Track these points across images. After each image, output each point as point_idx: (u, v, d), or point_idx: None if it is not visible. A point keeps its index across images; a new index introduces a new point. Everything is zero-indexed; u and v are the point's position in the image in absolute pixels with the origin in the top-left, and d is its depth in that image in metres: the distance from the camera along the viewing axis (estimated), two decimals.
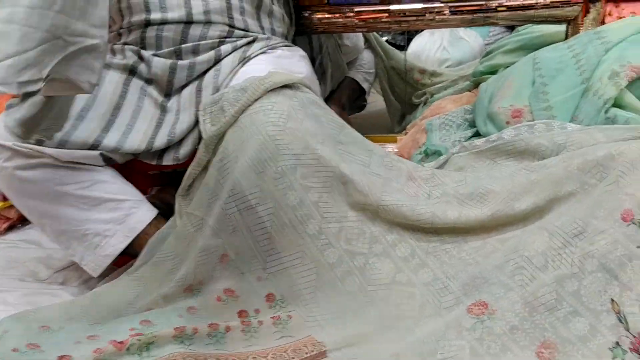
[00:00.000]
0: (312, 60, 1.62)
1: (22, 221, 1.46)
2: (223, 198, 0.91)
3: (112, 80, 1.10)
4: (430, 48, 2.42)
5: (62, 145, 1.00)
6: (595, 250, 0.77)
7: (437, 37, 2.42)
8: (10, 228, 1.44)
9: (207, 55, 1.11)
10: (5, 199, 1.40)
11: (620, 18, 1.29)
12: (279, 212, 0.91)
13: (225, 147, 0.94)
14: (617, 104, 1.04)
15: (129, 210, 1.06)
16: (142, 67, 1.11)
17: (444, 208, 0.92)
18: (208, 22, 1.11)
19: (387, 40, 2.42)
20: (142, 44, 1.12)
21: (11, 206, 1.42)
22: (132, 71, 1.11)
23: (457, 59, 2.33)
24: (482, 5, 1.32)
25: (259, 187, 0.90)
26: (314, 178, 0.93)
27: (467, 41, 2.43)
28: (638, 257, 0.73)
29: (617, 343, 0.70)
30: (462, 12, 1.34)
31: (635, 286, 0.72)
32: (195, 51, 1.11)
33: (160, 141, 1.07)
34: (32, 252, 1.31)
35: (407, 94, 1.91)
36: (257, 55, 1.14)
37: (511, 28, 2.19)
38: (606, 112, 1.03)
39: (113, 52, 1.14)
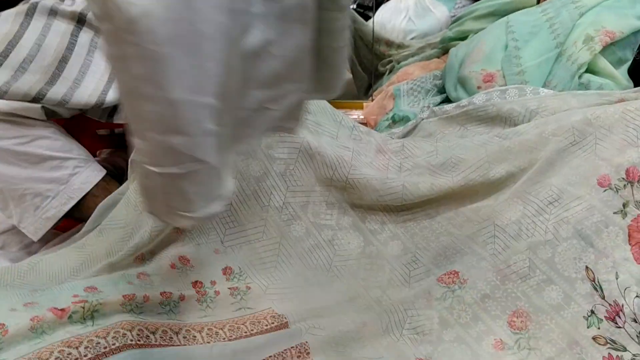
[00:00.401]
0: None
1: None
2: None
3: (59, 30, 0.99)
4: (396, 18, 2.37)
5: (0, 95, 0.90)
6: (571, 216, 0.74)
7: (403, 7, 2.36)
8: None
9: None
10: None
11: None
12: (242, 182, 0.86)
13: None
14: (591, 69, 1.02)
15: (74, 169, 0.97)
16: (92, 15, 1.01)
17: (416, 180, 0.88)
18: None
19: (352, 9, 2.35)
20: None
21: None
22: (80, 19, 1.01)
23: (423, 30, 2.28)
24: None
25: None
26: (279, 149, 0.88)
27: (433, 12, 2.38)
28: (614, 223, 0.70)
29: (592, 311, 0.68)
30: None
31: (611, 253, 0.69)
32: None
33: (112, 96, 0.99)
34: None
35: (373, 65, 1.86)
36: None
37: None
38: (580, 77, 1.00)
39: None
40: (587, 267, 0.70)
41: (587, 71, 1.01)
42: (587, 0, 1.07)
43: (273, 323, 0.77)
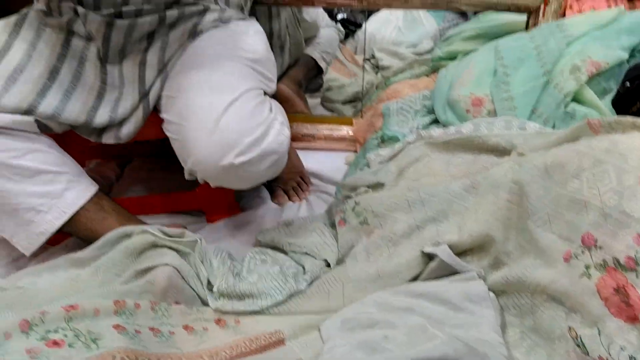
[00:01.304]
0: (270, 33, 1.55)
1: None
2: None
3: (49, 40, 0.99)
4: (385, 28, 2.39)
5: None
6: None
7: (393, 17, 2.39)
8: None
9: (150, 18, 1.01)
10: None
11: (581, 12, 1.29)
12: None
13: None
14: (577, 98, 1.04)
15: (67, 183, 0.97)
16: (78, 25, 1.00)
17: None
18: None
19: (343, 18, 2.37)
20: (79, 3, 1.01)
21: None
22: (70, 31, 1.01)
23: (412, 41, 2.32)
24: None
25: None
26: None
27: (423, 24, 2.41)
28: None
29: None
30: None
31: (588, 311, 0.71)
32: (138, 15, 1.02)
33: (101, 118, 0.99)
34: None
35: (362, 81, 1.88)
36: (209, 29, 1.06)
37: (465, 14, 2.19)
38: (566, 106, 1.03)
39: (49, 9, 1.04)
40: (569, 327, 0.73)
41: (572, 100, 1.03)
42: (574, 30, 1.10)
43: (271, 338, 0.79)
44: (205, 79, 0.96)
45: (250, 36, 1.10)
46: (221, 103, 0.92)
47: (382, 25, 2.39)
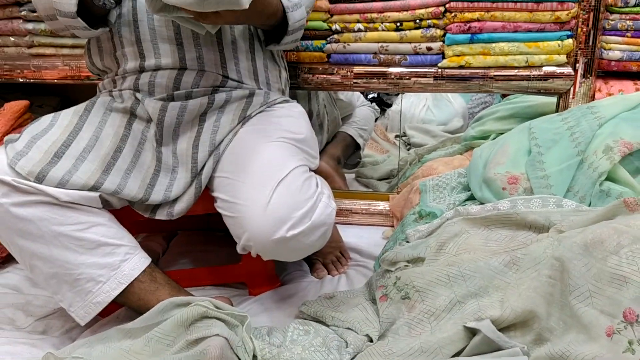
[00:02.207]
0: (310, 113, 1.64)
1: (0, 264, 1.40)
2: None
3: (114, 122, 1.09)
4: (415, 107, 2.48)
5: (62, 184, 0.98)
6: None
7: (422, 96, 2.48)
8: None
9: (200, 100, 1.11)
10: None
11: (610, 94, 1.34)
12: None
13: None
14: (610, 177, 1.08)
15: (125, 256, 1.03)
16: (140, 109, 1.10)
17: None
18: (202, 70, 1.11)
19: (373, 97, 2.47)
20: (136, 90, 1.12)
21: None
22: (132, 114, 1.11)
23: (441, 120, 2.40)
24: (478, 73, 1.37)
25: None
26: None
27: (451, 103, 2.49)
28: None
29: None
30: (458, 79, 1.38)
31: None
32: (188, 97, 1.11)
33: (156, 195, 1.07)
34: (10, 297, 1.24)
35: (399, 158, 1.94)
36: (256, 113, 1.15)
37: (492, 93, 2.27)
38: (600, 184, 1.06)
39: (112, 97, 1.14)
40: None
41: (607, 179, 1.07)
42: (605, 112, 1.15)
43: None
44: (256, 159, 1.03)
45: (295, 118, 1.18)
46: (272, 181, 0.98)
47: (412, 105, 2.48)
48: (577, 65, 1.35)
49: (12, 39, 1.60)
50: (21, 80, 1.59)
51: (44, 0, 1.03)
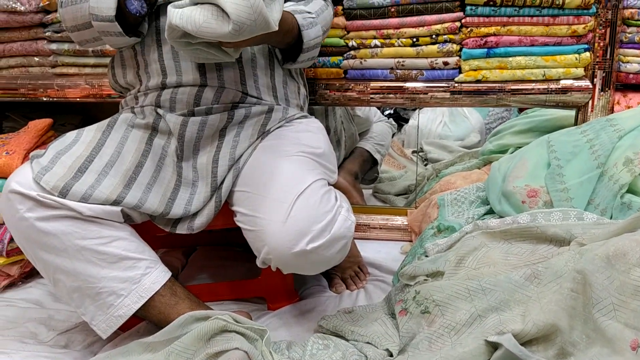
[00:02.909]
0: (327, 129, 1.66)
1: (23, 279, 1.42)
2: None
3: (135, 138, 1.11)
4: (432, 122, 2.48)
5: (85, 199, 1.00)
6: None
7: (439, 112, 2.49)
8: (9, 286, 1.40)
9: (220, 115, 1.12)
10: (8, 255, 1.37)
11: (628, 107, 1.34)
12: None
13: None
14: (631, 189, 1.07)
15: (146, 269, 1.04)
16: (162, 124, 1.12)
17: None
18: (222, 87, 1.13)
19: (390, 113, 2.48)
20: (157, 106, 1.14)
21: (13, 263, 1.39)
22: (154, 129, 1.13)
23: (458, 135, 2.40)
24: (495, 87, 1.37)
25: None
26: None
27: (468, 118, 2.49)
28: None
29: None
30: (475, 93, 1.38)
31: None
32: (208, 112, 1.13)
33: (177, 209, 1.08)
34: (33, 312, 1.26)
35: (416, 172, 1.94)
36: (275, 129, 1.16)
37: (509, 108, 2.27)
38: (621, 197, 1.05)
39: (134, 113, 1.16)
40: None
41: (627, 191, 1.06)
42: (625, 124, 1.15)
43: None
44: (275, 173, 1.04)
45: (313, 133, 1.19)
46: (291, 195, 0.99)
47: (429, 120, 2.48)
48: (595, 78, 1.35)
49: (36, 59, 1.64)
50: (45, 99, 1.63)
51: (76, 8, 1.06)
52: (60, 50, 1.60)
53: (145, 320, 1.12)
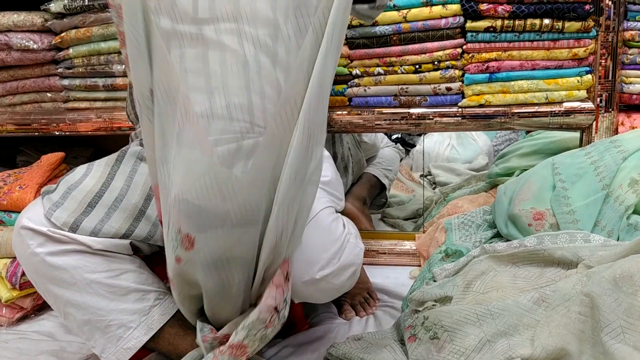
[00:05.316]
0: (334, 156, 1.67)
1: (35, 311, 1.43)
2: None
3: (144, 171, 1.13)
4: (440, 145, 2.49)
5: (95, 233, 1.01)
6: None
7: (446, 135, 2.50)
8: (22, 318, 1.41)
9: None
10: (21, 287, 1.39)
11: (633, 127, 1.34)
12: None
13: None
14: (637, 210, 1.07)
15: (154, 301, 1.05)
16: None
17: None
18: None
19: (397, 138, 2.50)
20: None
21: (26, 296, 1.41)
22: None
23: (466, 158, 2.40)
24: (499, 111, 1.38)
25: None
26: None
27: (475, 140, 2.50)
28: None
29: None
30: (479, 117, 1.40)
31: None
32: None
33: None
34: (45, 344, 1.27)
35: (424, 197, 1.95)
36: None
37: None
38: (628, 218, 1.05)
39: (142, 145, 1.18)
40: None
41: (633, 212, 1.06)
42: (629, 145, 1.15)
43: None
44: None
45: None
46: None
47: (437, 143, 2.49)
48: (598, 100, 1.36)
49: (49, 94, 1.68)
50: (57, 133, 1.67)
51: None
52: (71, 86, 1.64)
53: (155, 352, 1.12)
